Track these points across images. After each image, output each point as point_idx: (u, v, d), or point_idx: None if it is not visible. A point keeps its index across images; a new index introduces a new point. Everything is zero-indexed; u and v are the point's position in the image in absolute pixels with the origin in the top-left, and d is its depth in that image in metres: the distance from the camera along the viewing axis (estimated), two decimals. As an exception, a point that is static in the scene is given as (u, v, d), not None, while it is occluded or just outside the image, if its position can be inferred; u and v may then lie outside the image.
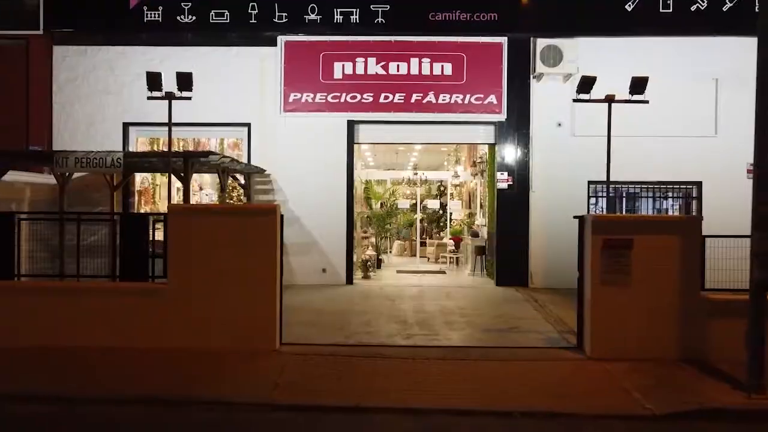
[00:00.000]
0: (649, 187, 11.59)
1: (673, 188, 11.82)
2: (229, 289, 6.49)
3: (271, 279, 6.60)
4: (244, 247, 6.52)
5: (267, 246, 6.56)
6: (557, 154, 11.23)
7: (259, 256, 6.53)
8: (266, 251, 6.56)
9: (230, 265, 6.49)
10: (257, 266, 6.54)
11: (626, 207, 12.10)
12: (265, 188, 11.40)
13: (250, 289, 6.53)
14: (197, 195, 14.59)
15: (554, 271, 11.16)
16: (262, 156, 11.28)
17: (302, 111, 11.26)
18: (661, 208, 12.73)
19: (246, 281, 6.51)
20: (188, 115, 11.19)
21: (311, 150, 11.32)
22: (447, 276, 12.98)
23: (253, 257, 6.52)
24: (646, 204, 12.12)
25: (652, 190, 11.75)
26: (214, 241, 6.49)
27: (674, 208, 12.38)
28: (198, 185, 14.82)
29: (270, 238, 6.57)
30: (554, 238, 11.16)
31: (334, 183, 11.34)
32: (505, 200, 11.31)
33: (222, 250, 6.49)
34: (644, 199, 12.05)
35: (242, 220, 6.61)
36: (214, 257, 6.48)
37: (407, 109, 11.24)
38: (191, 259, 6.49)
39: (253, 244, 6.53)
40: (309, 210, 11.31)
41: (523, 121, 11.26)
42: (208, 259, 6.49)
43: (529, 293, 10.55)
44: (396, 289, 10.89)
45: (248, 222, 6.60)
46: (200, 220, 6.60)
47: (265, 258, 6.55)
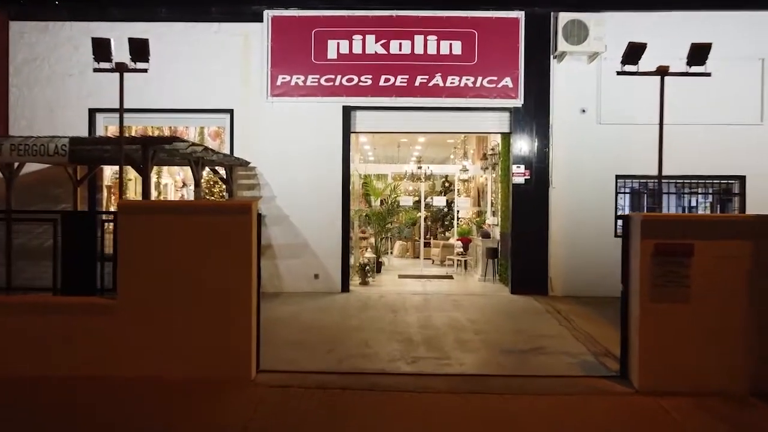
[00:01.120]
0: (685, 183, 10.42)
1: (713, 183, 10.66)
2: (193, 305, 5.36)
3: (245, 292, 5.48)
4: (213, 252, 5.40)
5: (241, 251, 5.43)
6: (581, 145, 10.10)
7: (230, 263, 5.41)
8: (240, 258, 5.43)
9: (195, 275, 5.37)
10: (228, 276, 5.41)
11: (647, 204, 10.97)
12: (249, 183, 10.26)
13: (219, 305, 5.41)
14: (182, 191, 13.49)
15: (577, 277, 10.05)
16: (245, 146, 10.15)
17: (291, 95, 10.12)
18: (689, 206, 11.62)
19: (214, 295, 5.39)
20: (163, 100, 10.12)
21: (302, 140, 10.20)
22: (455, 282, 11.84)
23: (223, 265, 5.40)
24: (672, 201, 10.99)
25: (688, 186, 10.59)
26: (176, 246, 5.36)
27: (705, 206, 11.26)
28: (182, 180, 13.73)
29: (244, 242, 5.44)
30: (577, 239, 10.04)
31: (328, 177, 10.21)
32: (522, 197, 10.17)
33: (185, 256, 5.37)
34: (671, 196, 10.93)
35: (210, 220, 5.47)
36: (176, 266, 5.36)
37: (411, 93, 10.10)
38: (146, 268, 5.37)
39: (224, 250, 5.41)
40: (299, 207, 10.19)
41: (542, 107, 10.11)
42: (167, 268, 5.37)
43: (550, 303, 9.42)
44: (398, 298, 9.76)
45: (217, 222, 5.46)
46: (158, 219, 5.47)
47: (238, 266, 5.43)
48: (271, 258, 10.17)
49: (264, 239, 9.99)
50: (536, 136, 10.13)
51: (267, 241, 10.14)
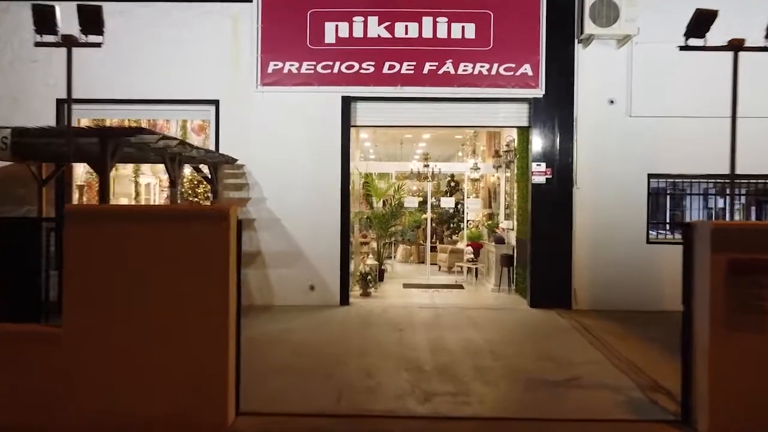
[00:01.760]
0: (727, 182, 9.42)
1: (748, 184, 9.69)
2: (156, 333, 4.38)
3: (221, 316, 4.48)
4: (181, 268, 4.41)
5: (216, 266, 4.44)
6: (608, 140, 9.12)
7: (203, 281, 4.42)
8: (215, 274, 4.44)
9: (158, 295, 4.38)
10: (200, 296, 4.42)
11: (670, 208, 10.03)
12: (236, 183, 9.28)
13: (188, 332, 4.42)
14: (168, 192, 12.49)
15: (604, 288, 9.08)
16: (233, 142, 9.16)
17: (284, 85, 9.14)
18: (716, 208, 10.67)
19: (183, 320, 4.40)
20: (140, 89, 9.15)
21: (296, 134, 9.22)
22: (466, 292, 10.86)
23: (194, 283, 4.41)
24: (694, 203, 10.04)
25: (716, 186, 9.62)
26: (135, 261, 4.38)
27: (738, 209, 10.28)
28: (168, 180, 12.76)
29: (220, 255, 4.45)
30: (604, 246, 9.07)
31: (326, 176, 9.23)
32: (542, 198, 9.19)
33: (146, 273, 4.38)
34: (693, 198, 9.98)
35: (178, 228, 4.48)
36: (134, 284, 4.37)
37: (418, 82, 9.12)
38: (99, 288, 4.38)
39: (195, 264, 4.42)
40: (293, 210, 9.21)
41: (566, 97, 9.13)
42: (125, 289, 4.38)
43: (575, 318, 8.44)
44: (404, 312, 8.78)
45: (187, 231, 4.47)
46: (113, 228, 4.48)
47: (212, 284, 4.44)
48: (261, 267, 9.19)
49: (253, 246, 9.04)
50: (559, 130, 9.15)
51: (256, 248, 9.17)
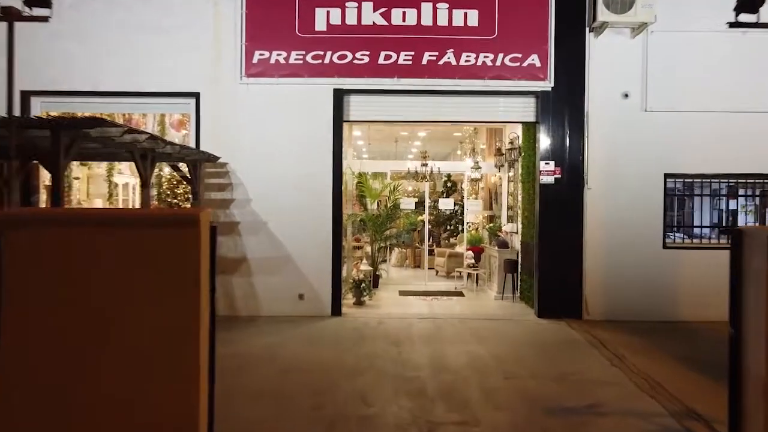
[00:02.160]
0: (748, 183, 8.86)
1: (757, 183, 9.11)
2: (112, 360, 3.68)
3: (188, 340, 3.78)
4: (141, 282, 3.70)
5: (182, 280, 3.72)
6: (622, 137, 8.51)
7: (166, 297, 3.71)
8: (181, 289, 3.73)
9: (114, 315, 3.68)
10: (164, 316, 3.72)
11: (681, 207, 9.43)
12: (219, 182, 8.60)
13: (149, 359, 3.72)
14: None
15: (618, 297, 8.48)
16: (214, 138, 8.49)
17: (271, 76, 8.47)
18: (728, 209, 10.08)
19: (143, 345, 3.71)
20: (114, 80, 8.46)
21: (283, 130, 8.56)
22: (467, 300, 10.23)
23: (156, 300, 3.70)
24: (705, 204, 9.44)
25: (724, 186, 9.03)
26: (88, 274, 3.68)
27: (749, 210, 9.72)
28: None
29: (187, 267, 3.73)
30: (617, 251, 8.48)
31: (316, 176, 8.57)
32: (551, 199, 8.56)
33: (100, 289, 3.69)
34: (704, 198, 9.38)
35: (138, 236, 3.76)
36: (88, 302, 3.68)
37: (416, 73, 8.48)
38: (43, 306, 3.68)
39: (158, 278, 3.71)
40: (280, 212, 8.54)
41: (577, 90, 8.51)
42: (74, 307, 3.68)
43: (588, 330, 7.82)
44: (401, 324, 8.13)
45: (149, 240, 3.75)
46: (63, 236, 3.78)
47: (177, 301, 3.74)
48: (246, 274, 8.51)
49: (237, 252, 8.38)
50: (569, 126, 8.53)
51: (241, 254, 8.50)
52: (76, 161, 9.33)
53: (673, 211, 9.30)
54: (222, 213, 8.55)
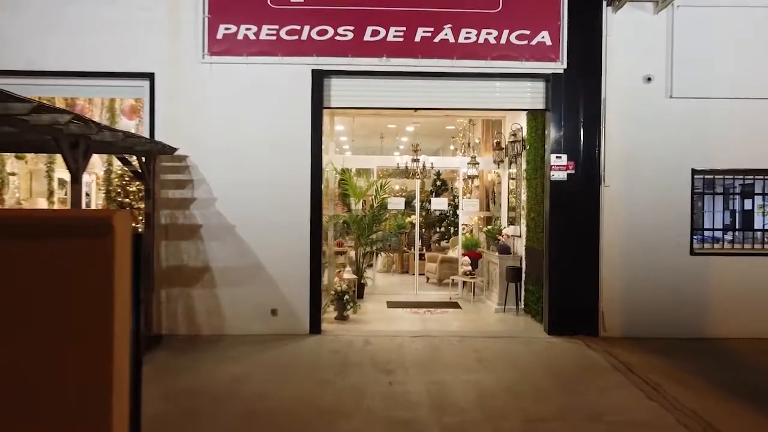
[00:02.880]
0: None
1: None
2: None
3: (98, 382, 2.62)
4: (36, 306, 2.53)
5: (87, 307, 2.56)
6: (644, 127, 7.50)
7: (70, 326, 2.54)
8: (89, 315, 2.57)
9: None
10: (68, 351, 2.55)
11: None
12: (177, 179, 7.40)
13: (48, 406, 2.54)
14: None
15: (639, 310, 7.47)
16: (173, 126, 7.31)
17: (239, 54, 7.32)
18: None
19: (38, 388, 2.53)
20: (54, 59, 7.26)
21: (254, 118, 7.41)
22: (464, 313, 9.14)
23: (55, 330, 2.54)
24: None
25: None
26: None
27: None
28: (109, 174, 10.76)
29: (97, 287, 2.58)
30: (639, 258, 7.47)
31: (292, 171, 7.43)
32: (563, 198, 7.52)
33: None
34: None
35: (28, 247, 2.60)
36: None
37: (409, 52, 7.38)
38: None
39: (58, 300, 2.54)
40: (250, 214, 7.38)
41: (592, 73, 7.48)
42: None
43: (609, 351, 6.78)
44: (391, 344, 7.01)
45: (44, 251, 2.59)
46: None
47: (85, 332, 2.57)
48: (209, 286, 7.34)
49: (199, 260, 7.22)
50: (583, 114, 7.49)
51: (203, 263, 7.32)
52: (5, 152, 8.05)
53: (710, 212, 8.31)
54: (181, 214, 7.36)
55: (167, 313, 7.33)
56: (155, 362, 6.24)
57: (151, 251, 7.11)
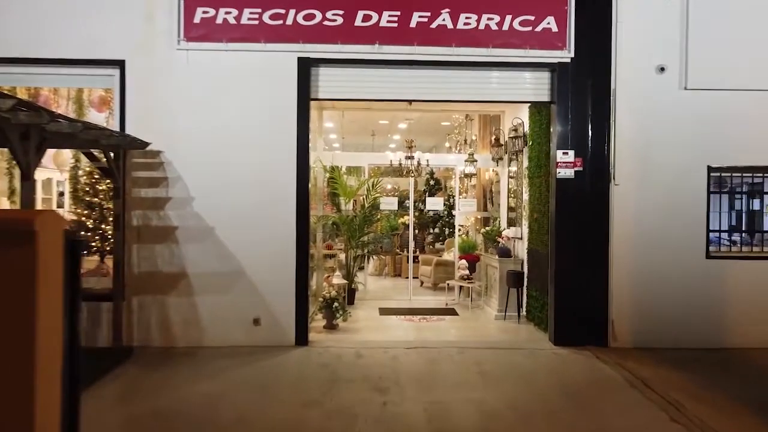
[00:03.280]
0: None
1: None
2: None
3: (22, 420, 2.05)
4: None
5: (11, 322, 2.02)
6: (657, 121, 7.01)
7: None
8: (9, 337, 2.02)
9: None
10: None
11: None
12: (151, 176, 6.81)
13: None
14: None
15: (652, 318, 6.98)
16: (145, 119, 6.72)
17: (218, 40, 6.74)
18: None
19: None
20: (16, 45, 6.65)
21: (235, 111, 6.84)
22: (461, 320, 8.61)
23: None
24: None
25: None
26: None
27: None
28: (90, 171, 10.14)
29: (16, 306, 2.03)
30: (651, 262, 6.98)
31: (277, 169, 6.87)
32: (570, 198, 7.00)
33: None
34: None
35: None
36: None
37: (403, 39, 6.84)
38: None
39: None
40: (230, 215, 6.81)
41: (602, 63, 6.97)
42: None
43: (621, 363, 6.27)
44: (384, 357, 6.46)
45: None
46: None
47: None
48: (185, 294, 6.75)
49: (174, 265, 6.65)
50: (592, 107, 6.98)
51: (179, 268, 6.74)
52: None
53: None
54: (155, 215, 6.77)
55: (139, 324, 6.74)
56: (123, 378, 5.66)
57: (121, 256, 6.51)
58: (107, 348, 6.46)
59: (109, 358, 6.16)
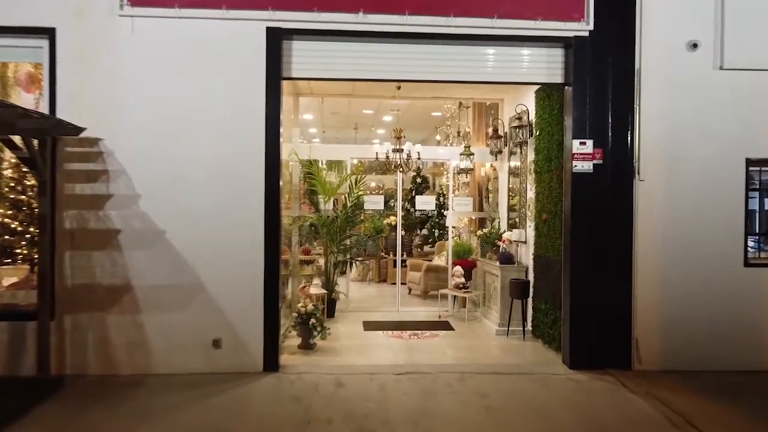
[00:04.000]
0: None
1: None
2: None
3: None
4: None
5: None
6: (689, 106, 6.07)
7: None
8: None
9: None
10: None
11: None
12: (88, 169, 5.71)
13: None
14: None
15: (683, 336, 6.07)
16: (80, 99, 5.63)
17: (170, 5, 5.67)
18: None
19: None
20: None
21: (191, 91, 5.76)
22: (459, 336, 7.62)
23: None
24: None
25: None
26: None
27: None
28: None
29: None
30: (682, 269, 6.08)
31: (241, 161, 5.81)
32: (587, 196, 6.04)
33: None
34: None
35: None
36: None
37: (392, 7, 5.83)
38: None
39: None
40: (185, 216, 5.74)
41: (624, 38, 6.02)
42: None
43: (652, 392, 5.33)
44: (370, 387, 5.43)
45: None
46: None
47: None
48: (130, 311, 5.67)
49: (117, 276, 5.58)
50: (613, 90, 6.02)
51: (122, 280, 5.65)
52: None
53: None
54: (93, 216, 5.67)
55: (73, 347, 5.63)
56: (44, 421, 4.56)
57: (47, 265, 5.40)
58: (31, 378, 5.35)
59: (31, 391, 5.07)
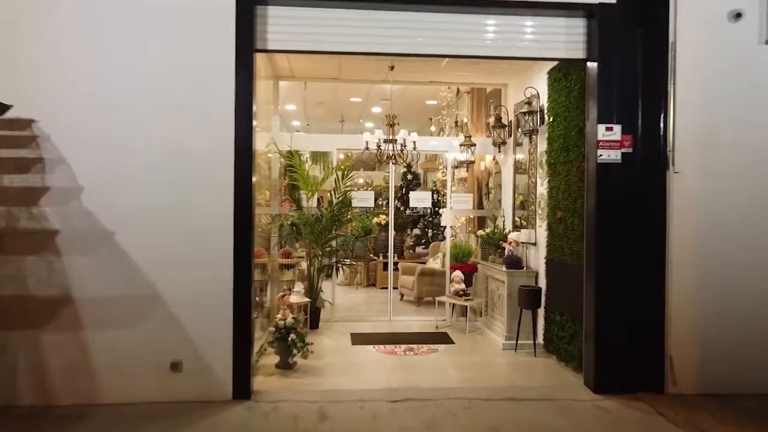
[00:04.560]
0: None
1: None
2: None
3: None
4: None
5: None
6: (731, 86, 5.27)
7: None
8: None
9: None
10: None
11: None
12: (17, 156, 4.78)
13: None
14: None
15: (726, 354, 5.27)
16: (7, 70, 4.69)
17: (118, -41, 4.75)
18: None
19: None
20: None
21: (143, 63, 4.85)
22: (460, 352, 6.76)
23: None
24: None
25: None
26: None
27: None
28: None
29: None
30: (723, 276, 5.29)
31: (205, 150, 4.92)
32: (614, 190, 5.22)
33: None
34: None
35: None
36: None
37: (386, -34, 4.96)
38: None
39: None
40: (138, 214, 4.83)
41: (657, 7, 5.20)
42: None
43: (698, 422, 4.55)
44: (360, 417, 4.57)
45: None
46: None
47: None
48: (71, 328, 4.75)
49: (52, 287, 4.72)
50: (643, 67, 5.19)
51: (60, 291, 4.73)
52: None
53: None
54: (25, 213, 4.75)
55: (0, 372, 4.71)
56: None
57: (-34, 274, 4.48)
58: (-55, 412, 4.44)
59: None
